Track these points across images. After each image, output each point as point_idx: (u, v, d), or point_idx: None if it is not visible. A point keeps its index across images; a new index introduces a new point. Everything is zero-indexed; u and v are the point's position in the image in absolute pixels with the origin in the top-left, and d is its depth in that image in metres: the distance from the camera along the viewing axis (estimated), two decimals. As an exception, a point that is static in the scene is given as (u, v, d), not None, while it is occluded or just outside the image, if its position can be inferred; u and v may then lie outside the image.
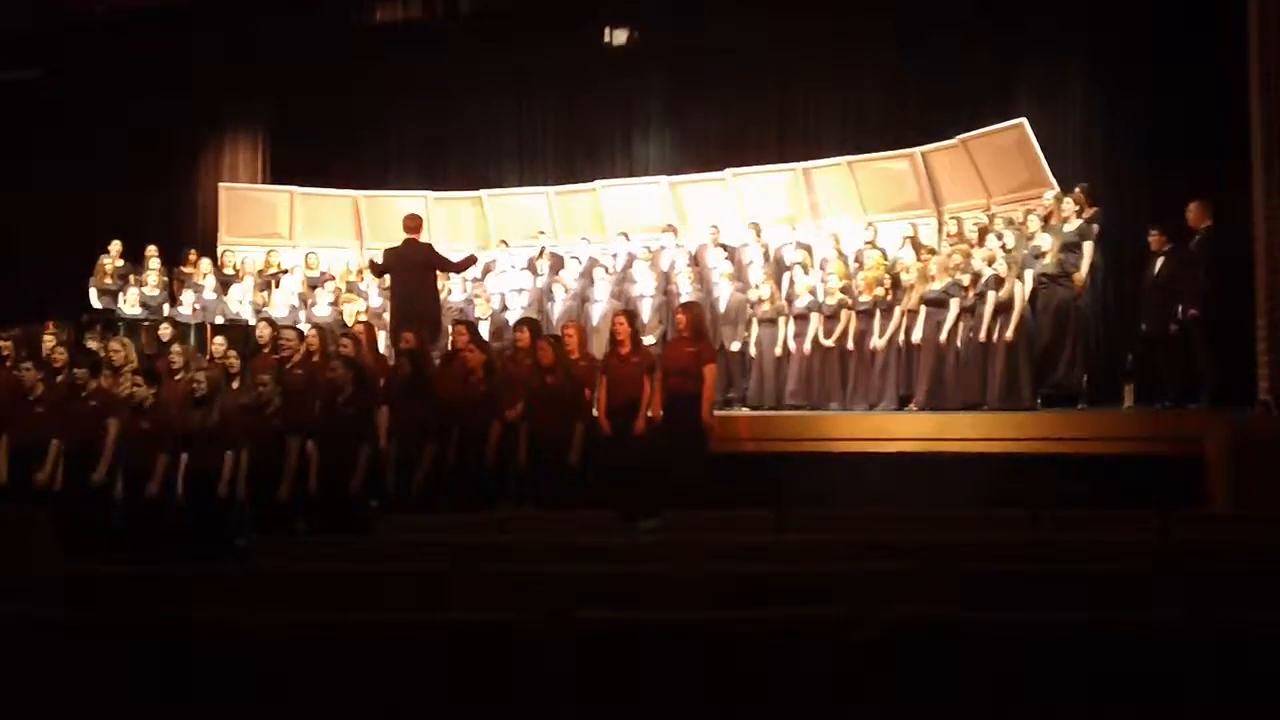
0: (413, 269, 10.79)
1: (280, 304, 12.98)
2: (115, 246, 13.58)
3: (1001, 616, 3.76)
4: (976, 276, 10.49)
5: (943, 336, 10.53)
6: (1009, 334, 10.21)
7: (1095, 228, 10.71)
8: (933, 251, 11.54)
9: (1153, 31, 11.50)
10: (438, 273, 11.26)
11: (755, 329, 11.67)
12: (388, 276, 11.41)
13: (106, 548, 8.28)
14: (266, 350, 10.31)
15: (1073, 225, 10.75)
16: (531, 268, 13.53)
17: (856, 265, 11.84)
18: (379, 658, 3.84)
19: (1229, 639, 3.57)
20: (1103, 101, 12.33)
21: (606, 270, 12.81)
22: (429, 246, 11.18)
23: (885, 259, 11.66)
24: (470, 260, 11.68)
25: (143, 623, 4.03)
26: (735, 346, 11.75)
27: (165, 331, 11.60)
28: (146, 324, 12.26)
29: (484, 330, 11.39)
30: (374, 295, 13.11)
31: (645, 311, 11.91)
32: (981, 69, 13.12)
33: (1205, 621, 3.60)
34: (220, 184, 15.54)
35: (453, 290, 12.95)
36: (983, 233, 11.34)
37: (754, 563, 5.01)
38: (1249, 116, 9.44)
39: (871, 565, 4.76)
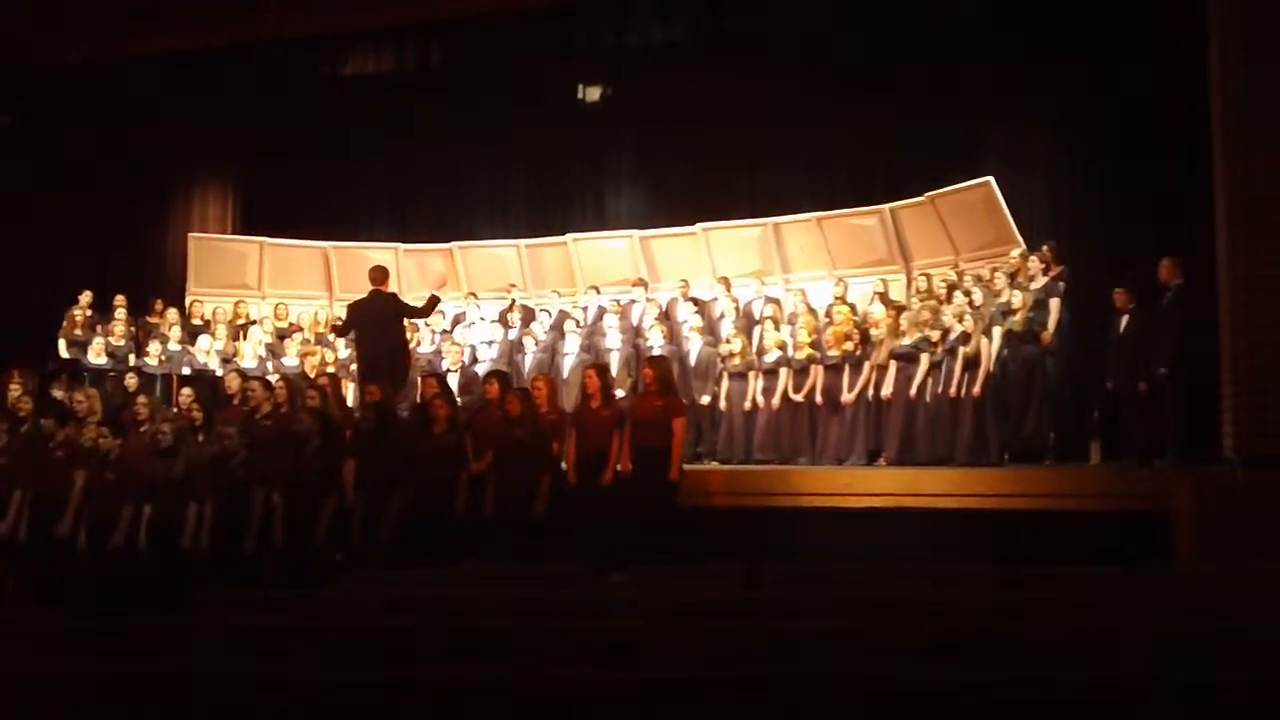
0: (379, 321, 10.77)
1: (248, 354, 12.91)
2: (85, 297, 13.48)
3: (969, 676, 3.75)
4: (945, 332, 10.54)
5: (912, 391, 10.56)
6: (976, 390, 10.27)
7: (1062, 285, 10.80)
8: (902, 307, 11.60)
9: (1119, 91, 11.65)
10: (405, 323, 11.24)
11: (725, 383, 11.66)
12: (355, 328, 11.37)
13: (69, 599, 8.20)
14: (236, 402, 10.26)
15: (1039, 283, 10.84)
16: (502, 320, 13.51)
17: (826, 320, 11.87)
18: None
19: (1194, 699, 3.58)
20: (1068, 160, 12.48)
21: (577, 323, 12.80)
22: (394, 297, 11.16)
23: (854, 314, 11.69)
24: (434, 300, 11.65)
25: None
26: (705, 400, 11.73)
27: (131, 382, 11.54)
28: (112, 374, 12.17)
29: (453, 382, 11.35)
30: (342, 347, 13.07)
31: (615, 365, 11.89)
32: (949, 127, 13.24)
33: (1171, 681, 3.60)
34: (190, 234, 15.48)
35: (421, 342, 12.94)
36: (951, 289, 11.41)
37: (723, 619, 4.99)
38: (1214, 176, 9.58)
39: (839, 623, 4.75)
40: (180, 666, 4.19)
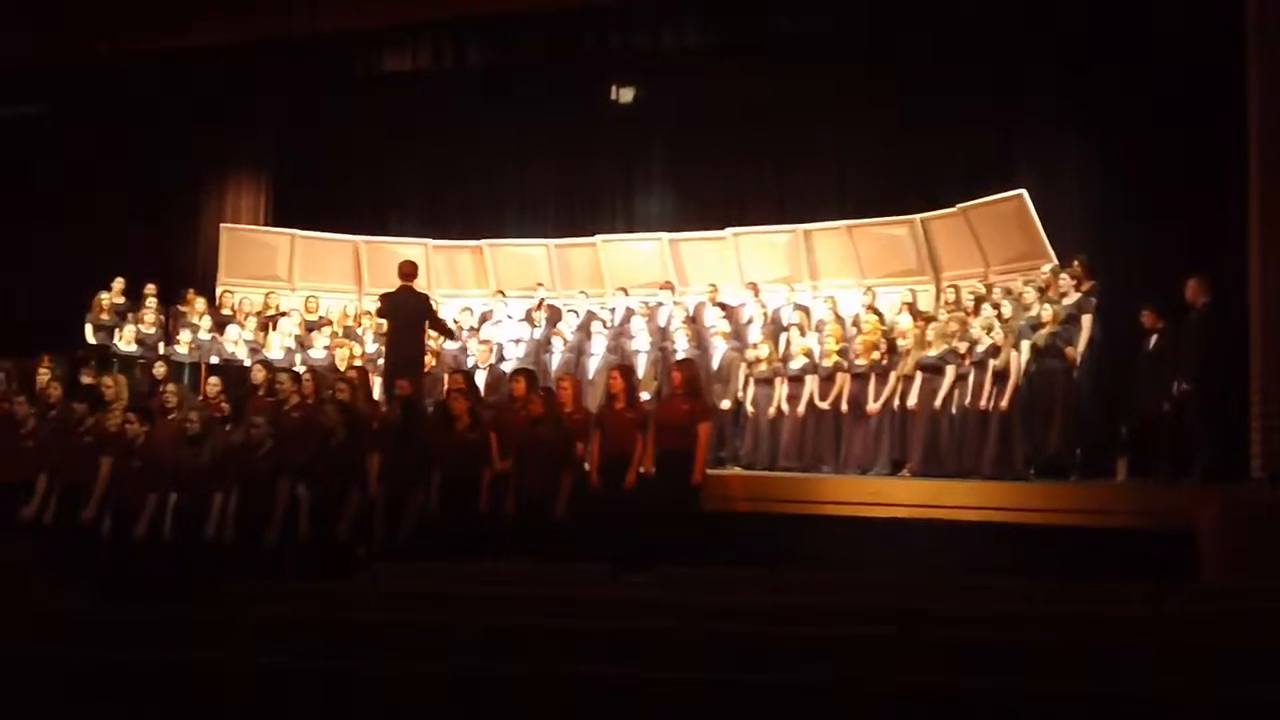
0: (406, 318, 10.80)
1: (276, 346, 12.97)
2: (118, 284, 13.61)
3: (991, 685, 3.74)
4: (973, 344, 10.49)
5: (938, 403, 10.52)
6: (1003, 403, 10.21)
7: (1093, 301, 10.74)
8: (930, 318, 11.55)
9: (1152, 105, 11.59)
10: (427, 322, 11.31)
11: (751, 388, 11.64)
12: (384, 322, 11.46)
13: (92, 585, 8.24)
14: (262, 392, 10.30)
15: (1071, 299, 10.78)
16: (529, 319, 13.54)
17: (854, 329, 11.84)
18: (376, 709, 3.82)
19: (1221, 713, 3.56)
20: (1102, 174, 12.38)
21: (604, 324, 12.81)
22: (425, 297, 11.20)
23: (882, 323, 11.66)
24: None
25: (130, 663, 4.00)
26: (725, 404, 11.69)
27: (160, 370, 11.60)
28: (142, 361, 12.25)
29: (480, 380, 11.38)
30: (369, 341, 13.12)
31: (641, 367, 11.88)
32: (982, 139, 13.21)
33: (1193, 695, 3.58)
34: (222, 225, 15.55)
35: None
36: (979, 301, 11.36)
37: (746, 623, 4.99)
38: (1248, 191, 9.51)
39: (860, 631, 4.73)
40: (202, 656, 4.21)
